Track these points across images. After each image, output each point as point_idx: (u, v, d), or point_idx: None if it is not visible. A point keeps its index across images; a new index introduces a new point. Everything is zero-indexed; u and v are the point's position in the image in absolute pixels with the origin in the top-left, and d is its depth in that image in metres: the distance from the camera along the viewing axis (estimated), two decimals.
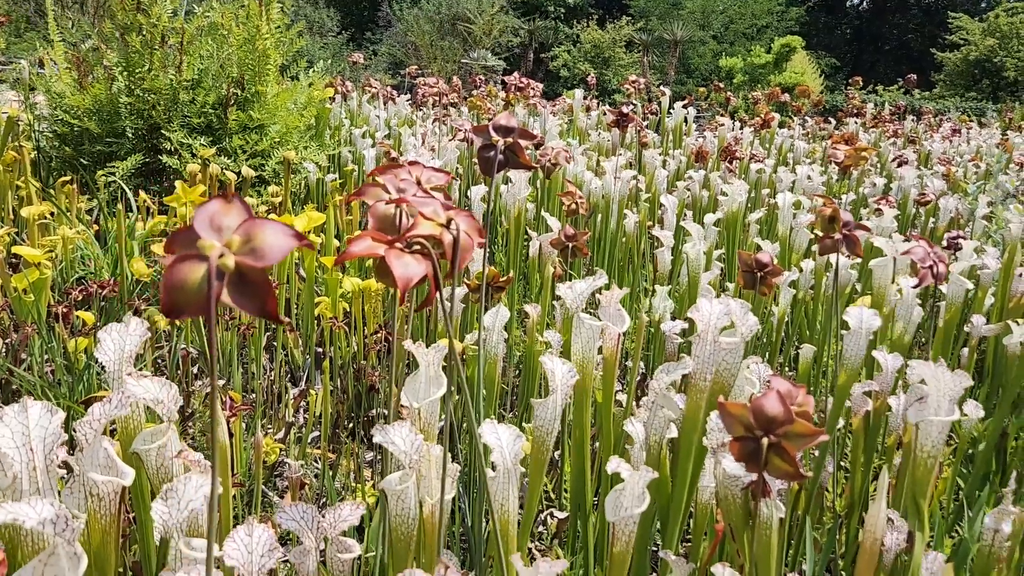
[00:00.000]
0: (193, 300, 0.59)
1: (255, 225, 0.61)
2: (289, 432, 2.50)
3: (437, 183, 1.25)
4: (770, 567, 1.22)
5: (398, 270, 0.97)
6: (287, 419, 2.54)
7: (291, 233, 0.61)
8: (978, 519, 1.93)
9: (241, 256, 0.59)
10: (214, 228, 0.60)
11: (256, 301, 0.60)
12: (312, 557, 0.99)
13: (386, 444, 1.00)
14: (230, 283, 0.59)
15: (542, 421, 1.27)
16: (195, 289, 0.58)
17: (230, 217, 0.61)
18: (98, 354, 1.13)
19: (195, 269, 0.58)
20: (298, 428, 2.72)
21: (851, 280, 2.98)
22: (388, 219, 1.13)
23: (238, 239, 0.59)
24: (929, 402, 1.20)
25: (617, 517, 1.05)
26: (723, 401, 1.03)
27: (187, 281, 0.58)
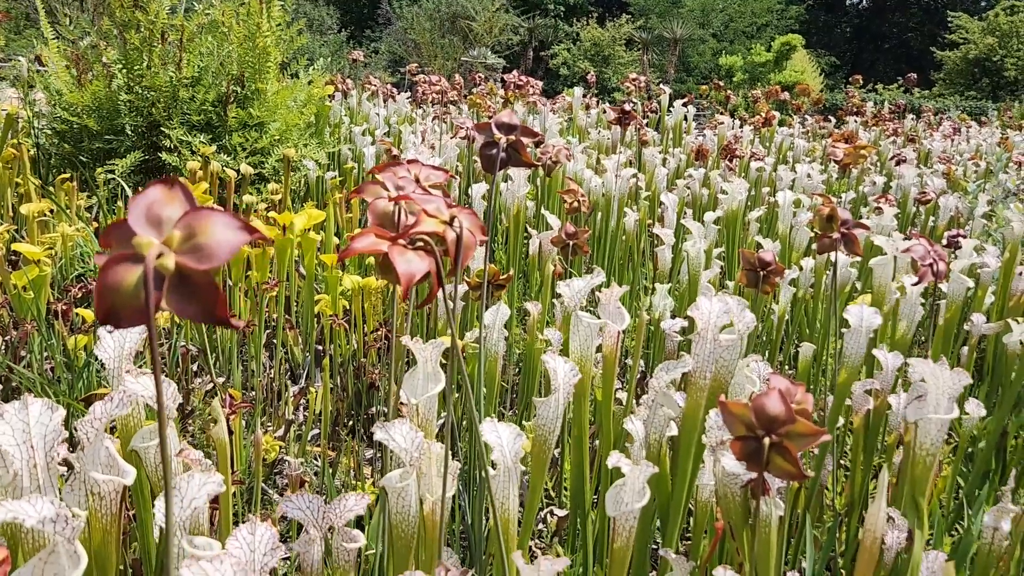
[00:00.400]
0: (129, 305, 0.51)
1: (199, 217, 0.52)
2: (289, 430, 2.50)
3: (436, 181, 1.25)
4: (770, 565, 1.22)
5: (401, 267, 0.97)
6: (287, 417, 2.54)
7: (239, 226, 0.53)
8: (978, 517, 1.93)
9: (183, 255, 0.52)
10: (152, 221, 0.52)
11: (199, 306, 0.52)
12: (317, 546, 0.99)
13: (387, 442, 1.00)
14: (170, 286, 0.52)
15: (544, 420, 1.27)
16: (131, 294, 0.51)
17: (171, 208, 0.53)
18: (98, 351, 1.13)
19: (130, 271, 0.51)
20: (298, 426, 2.72)
21: (851, 279, 2.98)
22: (387, 216, 1.13)
23: (179, 235, 0.52)
24: (928, 400, 1.20)
25: (618, 512, 1.05)
26: (724, 400, 1.03)
27: (122, 285, 0.51)
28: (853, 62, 30.30)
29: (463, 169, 4.07)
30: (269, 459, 2.28)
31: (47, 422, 0.83)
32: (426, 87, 4.85)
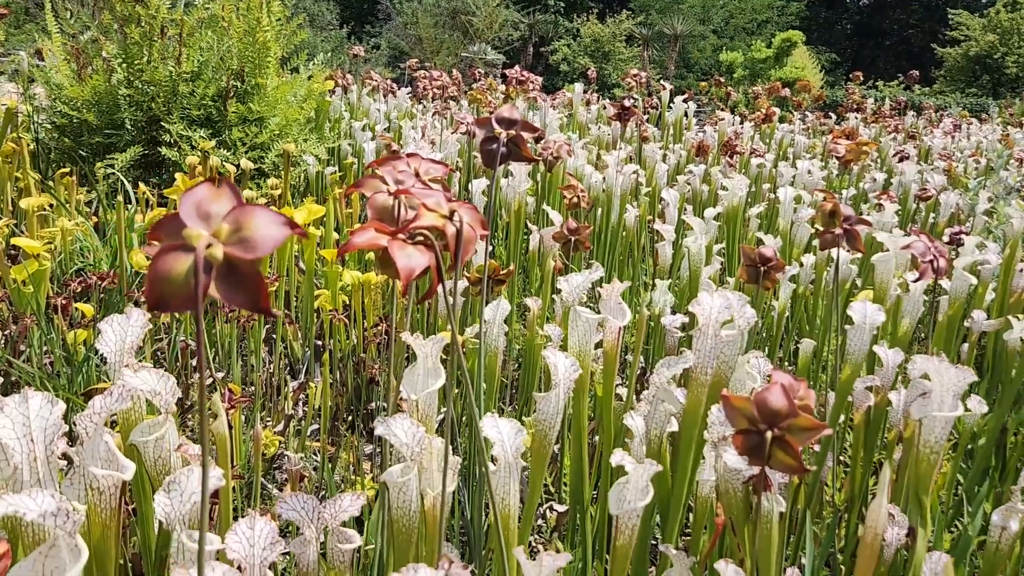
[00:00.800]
0: (179, 293, 0.55)
1: (246, 213, 0.57)
2: (288, 425, 2.50)
3: (436, 175, 1.25)
4: (771, 561, 1.22)
5: (401, 261, 0.97)
6: (286, 412, 2.53)
7: (284, 222, 0.57)
8: (978, 514, 1.93)
9: (230, 247, 0.56)
10: (201, 216, 0.57)
11: (246, 295, 0.56)
12: (313, 547, 0.99)
13: (388, 436, 1.00)
14: (218, 275, 0.56)
15: (544, 415, 1.26)
16: (181, 282, 0.55)
17: (219, 204, 0.57)
18: (99, 345, 1.13)
19: (181, 260, 0.55)
20: (297, 421, 2.72)
21: (851, 275, 2.97)
22: (387, 210, 1.13)
23: (227, 228, 0.56)
24: (932, 397, 1.20)
25: (621, 510, 1.04)
26: (727, 393, 1.03)
27: (172, 273, 0.55)
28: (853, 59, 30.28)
29: (463, 165, 4.07)
30: (268, 454, 2.28)
31: (47, 416, 0.83)
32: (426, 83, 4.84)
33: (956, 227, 2.71)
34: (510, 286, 2.78)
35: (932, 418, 1.19)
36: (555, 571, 0.81)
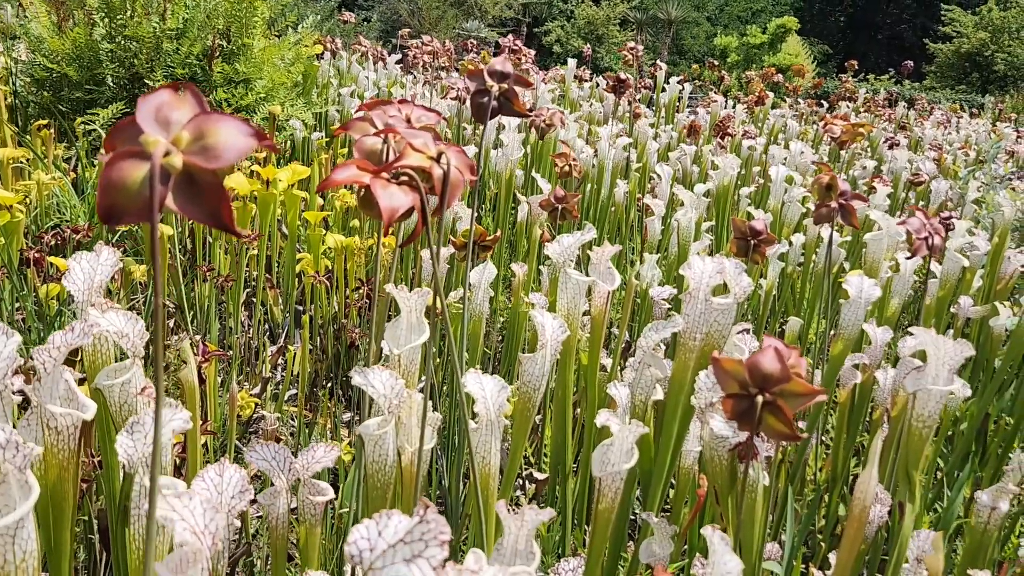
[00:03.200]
0: (133, 204, 0.51)
1: (208, 120, 0.53)
2: (266, 388, 2.45)
3: (428, 123, 1.20)
4: (754, 531, 1.19)
5: (383, 200, 0.92)
6: (264, 375, 2.49)
7: (250, 132, 0.52)
8: (958, 498, 1.92)
9: (190, 155, 0.52)
10: (160, 122, 0.52)
11: (206, 208, 0.52)
12: (283, 499, 0.95)
13: (365, 387, 0.96)
14: (176, 186, 0.52)
15: (530, 377, 1.23)
16: (135, 191, 0.51)
17: (180, 111, 0.53)
18: (66, 282, 1.08)
19: (136, 168, 0.51)
20: (275, 385, 2.67)
21: (839, 258, 2.95)
22: (375, 154, 1.08)
23: (187, 136, 0.52)
24: (927, 371, 1.17)
25: (604, 472, 1.01)
26: (718, 356, 0.99)
27: (127, 182, 0.51)
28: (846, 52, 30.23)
29: (453, 132, 4.00)
30: (244, 416, 2.23)
31: (1, 348, 0.78)
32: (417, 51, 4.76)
33: (947, 212, 2.69)
34: (496, 256, 2.73)
35: (927, 392, 1.16)
36: (536, 526, 0.78)
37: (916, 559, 1.27)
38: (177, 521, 0.63)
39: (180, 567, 0.65)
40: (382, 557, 0.58)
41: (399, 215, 0.94)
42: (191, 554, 0.62)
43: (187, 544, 0.60)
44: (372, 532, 0.59)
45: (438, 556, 0.59)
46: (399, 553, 0.58)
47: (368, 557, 0.58)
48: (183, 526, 0.63)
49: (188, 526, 0.64)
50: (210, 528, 0.65)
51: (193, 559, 0.63)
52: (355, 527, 0.59)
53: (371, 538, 0.59)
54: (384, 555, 0.58)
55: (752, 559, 1.17)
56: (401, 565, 0.58)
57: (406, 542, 0.59)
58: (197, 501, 0.65)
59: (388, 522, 0.61)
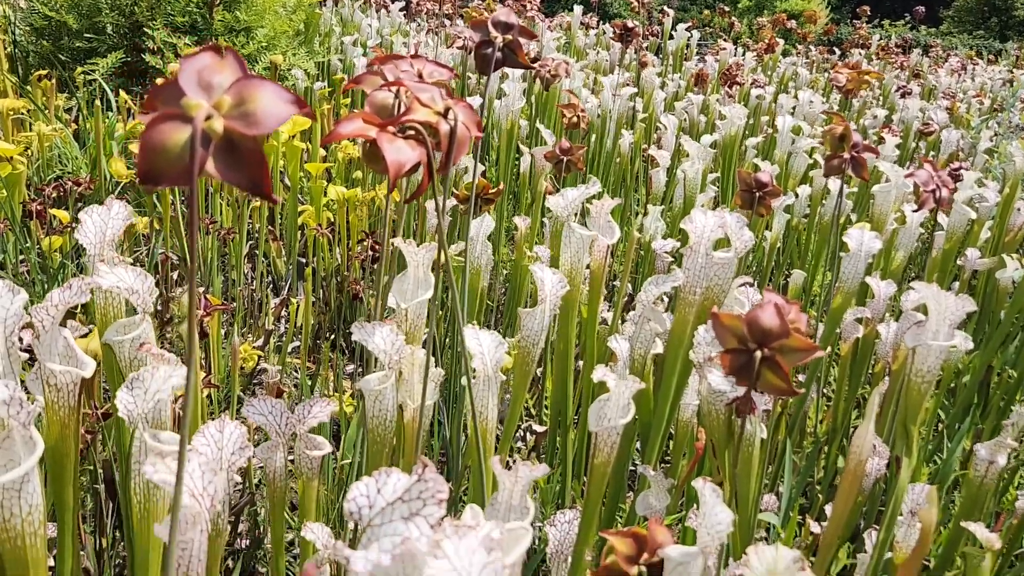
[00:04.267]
0: (173, 167, 0.51)
1: (250, 86, 0.53)
2: (269, 341, 2.47)
3: (440, 78, 1.18)
4: (750, 485, 1.20)
5: (390, 155, 0.91)
6: (267, 327, 2.50)
7: (291, 99, 0.53)
8: (957, 450, 1.93)
9: (232, 120, 0.51)
10: (202, 85, 0.52)
11: (246, 174, 0.52)
12: (280, 453, 0.96)
13: (365, 342, 0.96)
14: (217, 151, 0.51)
15: (529, 331, 1.23)
16: (176, 155, 0.51)
17: (222, 75, 0.52)
18: (79, 236, 1.07)
19: (178, 131, 0.51)
20: (278, 337, 2.68)
21: (846, 211, 2.92)
22: (386, 109, 1.06)
23: (229, 100, 0.51)
24: (928, 326, 1.17)
25: (600, 427, 1.02)
26: (716, 311, 0.99)
27: (167, 144, 0.50)
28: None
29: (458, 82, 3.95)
30: (247, 368, 2.25)
31: (8, 305, 0.78)
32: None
33: (956, 163, 2.66)
34: (499, 208, 2.72)
35: (927, 347, 1.16)
36: (531, 482, 0.78)
37: (911, 512, 1.29)
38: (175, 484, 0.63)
39: (180, 528, 0.65)
40: (381, 514, 0.59)
41: (405, 170, 0.93)
42: (190, 516, 0.63)
43: (186, 507, 0.61)
44: (371, 490, 0.60)
45: (436, 514, 0.59)
46: (397, 511, 0.59)
47: (367, 514, 0.59)
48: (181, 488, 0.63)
49: (187, 488, 0.64)
50: (208, 490, 0.66)
51: (192, 521, 0.64)
52: (354, 484, 0.60)
53: (370, 495, 0.60)
54: (383, 512, 0.59)
55: (748, 512, 1.19)
56: (399, 523, 0.59)
57: (404, 500, 0.59)
58: (196, 463, 0.66)
59: (387, 480, 0.62)
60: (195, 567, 0.68)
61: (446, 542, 0.60)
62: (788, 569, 0.86)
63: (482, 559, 0.62)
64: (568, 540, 1.14)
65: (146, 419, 0.80)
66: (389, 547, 0.57)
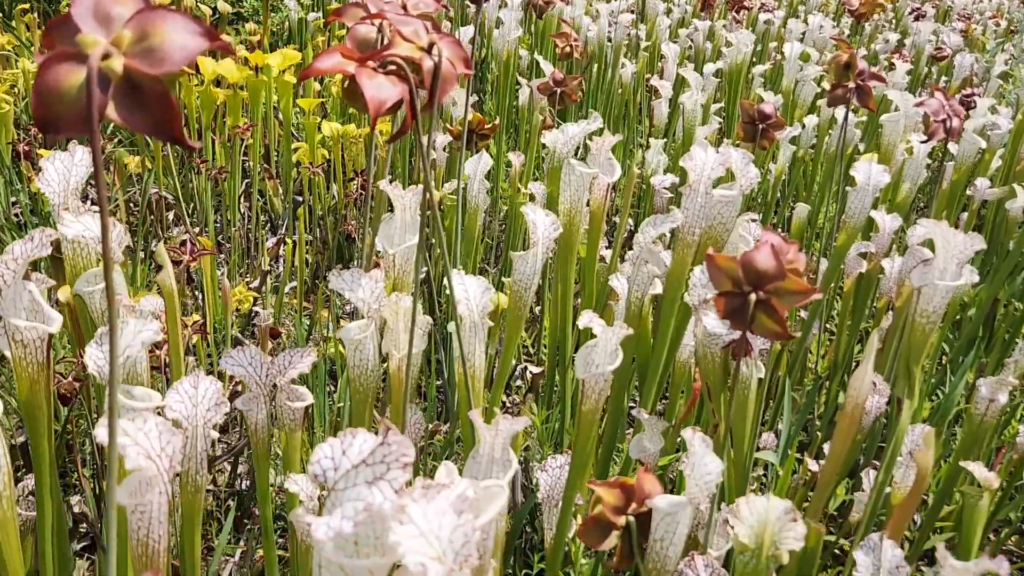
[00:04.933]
0: (71, 112, 0.47)
1: (153, 18, 0.47)
2: (265, 281, 2.44)
3: (426, 10, 1.12)
4: (745, 428, 1.18)
5: (369, 91, 0.86)
6: (263, 268, 2.47)
7: (199, 31, 0.48)
8: (960, 384, 1.91)
9: (132, 58, 0.47)
10: (99, 18, 0.47)
11: (151, 119, 0.48)
12: (260, 404, 0.94)
13: (344, 291, 0.93)
14: (118, 93, 0.47)
15: (521, 275, 1.19)
16: (72, 99, 0.46)
17: (122, 5, 0.47)
18: (40, 184, 1.04)
19: (73, 72, 0.46)
20: (275, 277, 2.66)
21: (854, 140, 2.84)
22: (368, 43, 1.01)
23: (130, 35, 0.46)
24: (935, 264, 1.12)
25: (588, 374, 0.99)
26: (711, 253, 0.95)
27: (62, 88, 0.46)
28: None
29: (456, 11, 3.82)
30: (244, 309, 2.23)
31: None
32: None
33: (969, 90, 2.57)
34: (497, 142, 2.65)
35: (933, 287, 1.12)
36: (512, 435, 0.76)
37: (909, 453, 1.27)
38: (130, 446, 0.61)
39: (138, 491, 0.63)
40: (345, 478, 0.57)
41: (386, 108, 0.88)
42: (147, 479, 0.61)
43: (141, 469, 0.59)
44: (336, 451, 0.57)
45: (400, 479, 0.57)
46: (361, 475, 0.57)
47: (332, 476, 0.57)
48: (136, 451, 0.61)
49: (142, 450, 0.62)
50: (167, 451, 0.63)
51: (149, 484, 0.62)
52: (319, 447, 0.57)
53: (335, 457, 0.57)
54: (347, 476, 0.57)
55: (743, 455, 1.17)
56: (363, 487, 0.57)
57: (368, 464, 0.57)
58: (152, 424, 0.63)
59: (352, 441, 0.59)
60: (155, 529, 0.67)
61: (412, 506, 0.58)
62: (779, 520, 0.84)
63: (451, 522, 0.59)
64: (559, 485, 1.13)
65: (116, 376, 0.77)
66: (352, 513, 0.55)
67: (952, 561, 0.82)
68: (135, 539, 0.67)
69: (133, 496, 0.64)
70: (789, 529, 0.83)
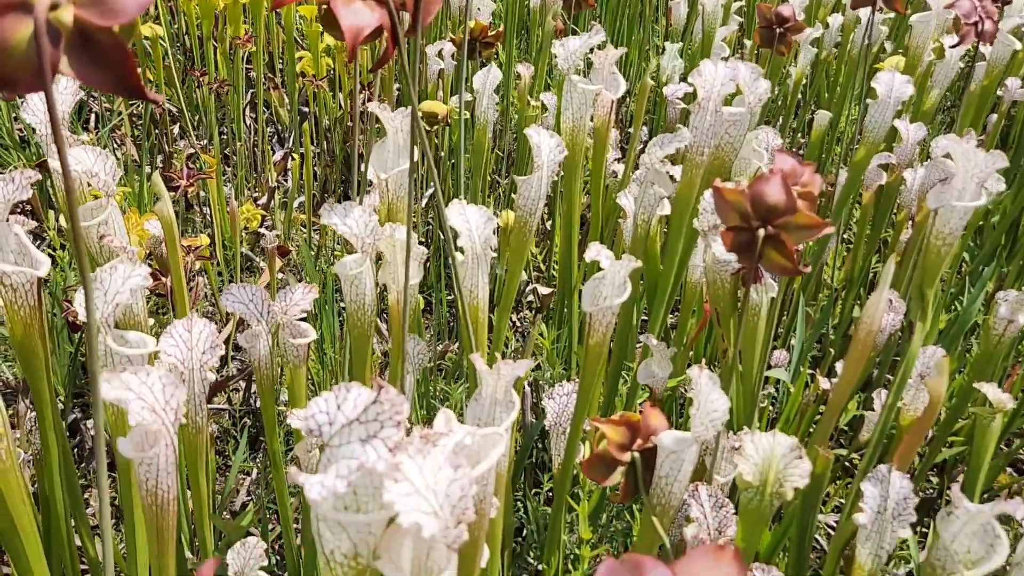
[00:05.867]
0: (21, 68, 0.43)
1: None
2: (273, 197, 2.41)
3: None
4: (755, 354, 1.16)
5: (346, 19, 0.81)
6: (270, 184, 2.44)
7: None
8: (979, 297, 1.87)
9: (83, 8, 0.43)
10: None
11: (108, 73, 0.45)
12: (263, 341, 0.93)
13: (336, 226, 0.90)
14: (71, 47, 0.44)
15: (525, 200, 1.16)
16: (23, 54, 0.43)
17: None
18: (25, 115, 1.01)
19: (20, 25, 0.43)
20: (283, 193, 2.63)
21: (881, 38, 2.71)
22: None
23: None
24: (953, 184, 1.08)
25: (595, 308, 0.97)
26: (719, 185, 0.91)
27: (10, 43, 0.43)
28: None
29: None
30: (251, 228, 2.21)
31: None
32: None
33: None
34: (508, 50, 2.56)
35: (950, 208, 1.07)
36: (513, 380, 0.75)
37: (920, 376, 1.25)
38: (133, 400, 0.60)
39: (144, 444, 0.63)
40: (339, 435, 0.56)
41: (365, 36, 0.83)
42: (153, 433, 0.60)
43: (146, 424, 0.58)
44: (331, 406, 0.57)
45: (393, 436, 0.56)
46: (355, 432, 0.56)
47: (328, 431, 0.56)
48: (140, 405, 0.60)
49: (146, 404, 0.61)
50: (171, 404, 0.63)
51: (155, 438, 0.61)
52: (313, 401, 0.56)
53: (330, 412, 0.56)
54: (341, 433, 0.56)
55: (752, 381, 1.16)
56: (357, 445, 0.56)
57: (361, 421, 0.56)
58: (155, 376, 0.62)
59: (347, 395, 0.58)
60: (163, 480, 0.67)
61: (408, 462, 0.57)
62: (785, 457, 0.84)
63: (448, 476, 0.58)
64: (566, 413, 1.13)
65: (108, 323, 0.76)
66: (346, 472, 0.54)
67: (967, 504, 0.81)
68: (144, 489, 0.67)
69: (139, 449, 0.64)
70: (795, 467, 0.83)
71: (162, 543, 0.68)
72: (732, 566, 0.46)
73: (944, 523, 0.85)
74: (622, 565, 0.47)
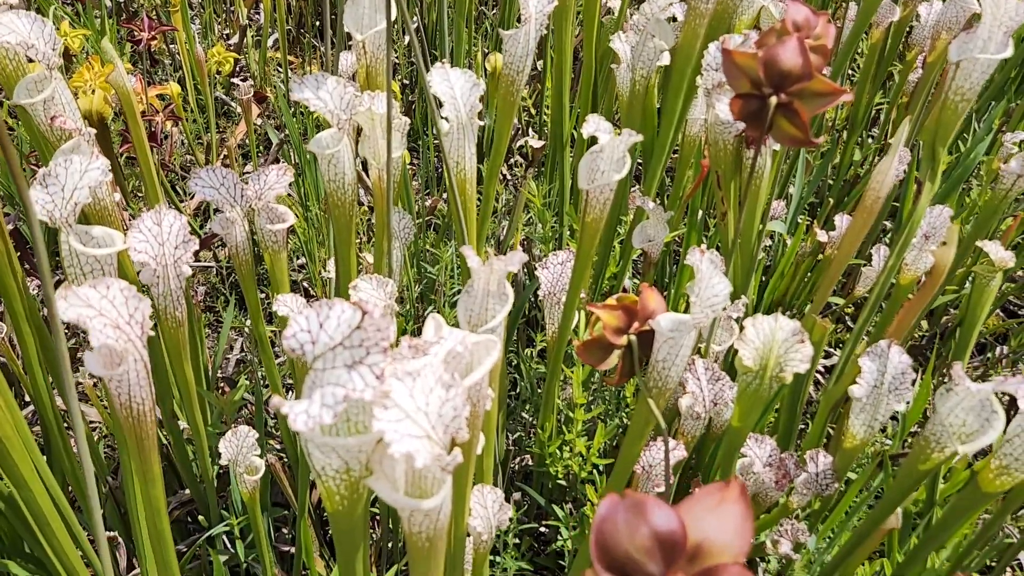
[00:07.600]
0: None
1: None
2: (245, 35, 2.26)
3: None
4: (755, 218, 1.12)
5: None
6: (242, 22, 2.27)
7: None
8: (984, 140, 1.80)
9: None
10: None
11: None
12: (239, 226, 0.88)
13: (309, 102, 0.82)
14: None
15: (512, 58, 1.06)
16: None
17: None
18: None
19: None
20: (256, 31, 2.46)
21: None
22: None
23: None
24: (978, 33, 0.99)
25: (592, 184, 0.91)
26: (728, 48, 0.83)
27: None
28: None
29: None
30: (225, 71, 2.08)
31: None
32: None
33: None
34: None
35: (972, 61, 0.99)
36: (505, 274, 0.71)
37: (924, 236, 1.22)
38: (94, 318, 0.56)
39: (111, 362, 0.60)
40: (323, 358, 0.53)
41: None
42: (116, 352, 0.56)
43: (109, 342, 0.54)
44: (312, 324, 0.53)
45: (380, 363, 0.53)
46: (339, 357, 0.53)
47: (310, 351, 0.53)
48: (102, 322, 0.56)
49: (108, 320, 0.57)
50: (136, 317, 0.59)
51: (120, 356, 0.58)
52: (293, 319, 0.53)
53: (312, 330, 0.53)
54: (325, 356, 0.53)
55: (751, 246, 1.12)
56: (342, 370, 0.53)
57: (346, 347, 0.53)
58: (116, 289, 0.58)
59: (329, 313, 0.54)
60: (137, 393, 0.64)
61: (397, 387, 0.55)
62: (786, 342, 0.82)
63: (439, 397, 0.56)
64: (561, 282, 1.10)
65: (68, 222, 0.71)
66: (331, 402, 0.51)
67: (968, 383, 0.80)
68: (118, 403, 0.65)
69: (107, 367, 0.61)
70: (796, 351, 0.81)
71: (143, 451, 0.67)
72: (738, 505, 0.45)
73: (942, 399, 0.84)
74: (624, 503, 0.45)
